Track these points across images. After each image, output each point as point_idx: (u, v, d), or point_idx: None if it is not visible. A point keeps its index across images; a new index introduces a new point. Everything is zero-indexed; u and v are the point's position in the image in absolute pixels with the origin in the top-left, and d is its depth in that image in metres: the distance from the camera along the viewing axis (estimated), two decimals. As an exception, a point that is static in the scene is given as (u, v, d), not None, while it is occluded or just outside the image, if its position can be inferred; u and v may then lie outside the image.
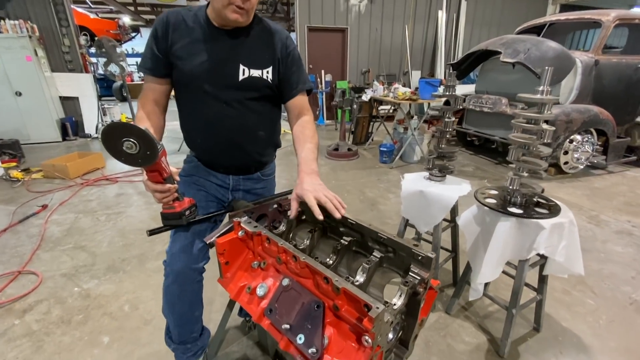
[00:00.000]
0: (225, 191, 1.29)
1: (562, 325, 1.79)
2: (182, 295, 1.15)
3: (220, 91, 1.12)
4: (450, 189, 1.72)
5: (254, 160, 1.28)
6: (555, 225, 1.36)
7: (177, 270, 1.12)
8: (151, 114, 1.15)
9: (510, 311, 1.54)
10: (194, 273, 1.14)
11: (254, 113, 1.18)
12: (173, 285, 1.14)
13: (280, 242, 0.85)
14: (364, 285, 0.86)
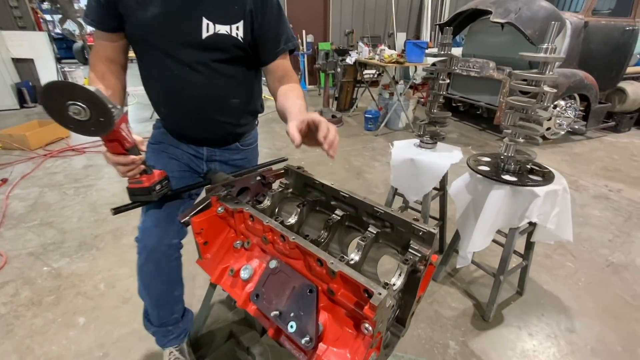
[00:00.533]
0: (200, 161, 1.16)
1: (544, 288, 1.85)
2: (158, 273, 1.05)
3: (181, 51, 0.94)
4: (442, 156, 1.65)
5: (229, 133, 1.14)
6: (549, 192, 1.33)
7: (150, 246, 1.02)
8: (106, 74, 0.97)
9: (498, 278, 1.55)
10: (169, 250, 1.04)
11: (224, 78, 1.01)
12: (147, 263, 1.03)
13: (265, 219, 0.75)
14: (359, 264, 0.78)
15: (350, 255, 0.78)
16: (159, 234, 1.02)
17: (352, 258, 0.77)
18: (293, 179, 1.04)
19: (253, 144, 1.27)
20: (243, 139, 1.20)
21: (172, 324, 1.16)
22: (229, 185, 0.99)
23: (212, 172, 1.14)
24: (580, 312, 1.70)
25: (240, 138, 1.19)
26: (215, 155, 1.16)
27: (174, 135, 1.12)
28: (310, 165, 3.41)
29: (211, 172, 1.14)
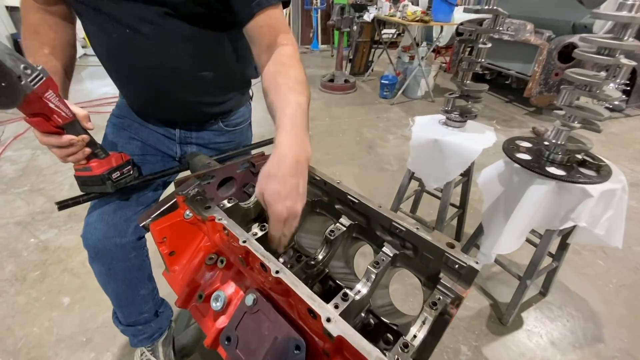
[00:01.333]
0: (172, 143, 0.94)
1: (570, 289, 1.66)
2: (111, 274, 0.89)
3: (115, 5, 0.68)
4: (472, 138, 1.39)
5: (204, 113, 0.90)
6: (604, 192, 1.08)
7: (93, 245, 0.84)
8: (40, 27, 0.73)
9: (524, 282, 1.36)
10: (122, 250, 0.86)
11: (182, 43, 0.74)
12: (95, 263, 0.87)
13: (242, 238, 0.54)
14: (366, 298, 0.59)
15: (357, 287, 0.58)
16: (104, 231, 0.83)
17: (359, 290, 0.57)
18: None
19: (242, 125, 1.03)
20: (228, 119, 0.97)
21: (142, 324, 1.02)
22: (207, 176, 0.78)
23: (191, 154, 0.93)
24: (610, 318, 1.52)
25: (223, 117, 0.96)
26: (190, 137, 0.94)
27: (138, 115, 0.90)
28: (318, 136, 3.16)
29: (190, 155, 0.93)
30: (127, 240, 0.85)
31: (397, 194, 1.72)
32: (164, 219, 0.65)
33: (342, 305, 0.52)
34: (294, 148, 0.55)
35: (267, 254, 0.52)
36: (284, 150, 0.55)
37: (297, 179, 0.54)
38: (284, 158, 0.54)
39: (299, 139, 0.56)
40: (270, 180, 0.54)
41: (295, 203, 0.54)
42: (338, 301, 0.52)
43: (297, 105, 0.60)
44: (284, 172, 0.53)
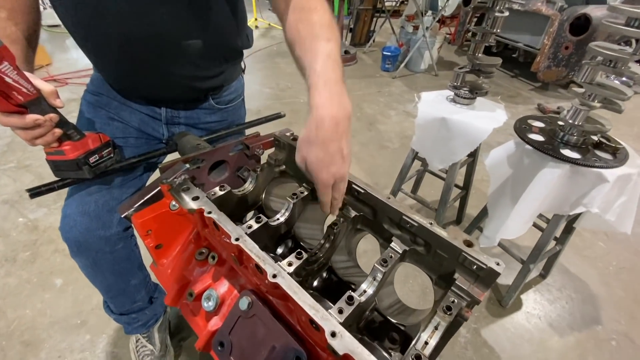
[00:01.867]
0: (158, 124, 0.85)
1: (571, 271, 1.65)
2: (97, 267, 0.83)
3: None
4: (482, 117, 1.30)
5: (192, 88, 0.81)
6: (620, 177, 1.02)
7: (74, 239, 0.78)
8: None
9: (527, 265, 1.33)
10: (106, 243, 0.80)
11: (164, 4, 0.64)
12: (78, 257, 0.82)
13: (234, 234, 0.48)
14: (371, 299, 0.53)
15: (362, 287, 0.53)
16: (86, 224, 0.76)
17: (364, 290, 0.52)
18: (286, 153, 0.74)
19: (235, 101, 0.94)
20: (219, 95, 0.88)
21: (135, 312, 0.99)
22: (196, 160, 0.70)
23: (179, 134, 0.85)
24: (609, 300, 1.52)
25: (214, 93, 0.86)
26: (178, 117, 0.86)
27: (118, 92, 0.80)
28: None
29: (177, 135, 0.84)
30: (112, 232, 0.79)
31: (400, 174, 1.66)
32: (148, 210, 0.58)
33: (347, 309, 0.47)
34: (330, 108, 0.49)
35: (262, 255, 0.46)
36: (321, 112, 0.49)
37: (338, 142, 0.50)
38: (321, 121, 0.49)
39: (334, 96, 0.50)
40: (311, 147, 0.50)
41: (340, 167, 0.51)
42: (342, 305, 0.47)
43: (326, 57, 0.53)
44: (324, 136, 0.49)
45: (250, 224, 0.59)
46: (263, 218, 0.58)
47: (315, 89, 0.50)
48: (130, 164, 0.77)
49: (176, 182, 0.58)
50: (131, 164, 0.77)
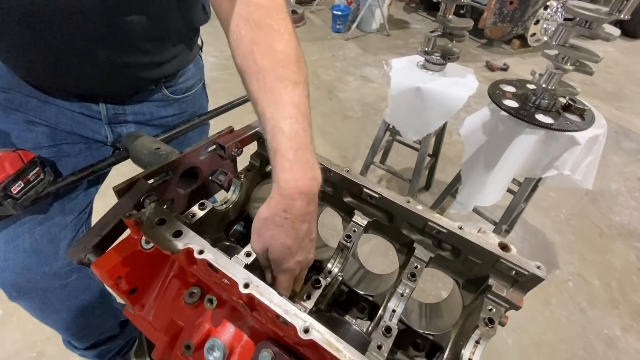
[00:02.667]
0: (97, 125, 0.67)
1: (529, 222, 1.79)
2: (48, 306, 0.68)
3: None
4: (455, 84, 1.27)
5: (138, 78, 0.64)
6: (590, 139, 1.06)
7: (11, 282, 0.62)
8: None
9: (500, 226, 1.40)
10: (55, 278, 0.64)
11: None
12: (20, 301, 0.66)
13: (241, 279, 0.37)
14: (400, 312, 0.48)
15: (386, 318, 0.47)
16: (22, 262, 0.60)
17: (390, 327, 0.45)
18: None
19: (194, 88, 0.77)
20: (174, 83, 0.70)
21: (105, 342, 0.85)
22: (162, 173, 0.56)
23: (129, 136, 0.67)
24: (563, 246, 1.69)
25: (167, 81, 0.69)
26: (124, 114, 0.67)
27: (33, 87, 0.59)
28: None
29: (127, 138, 0.67)
30: (60, 265, 0.62)
31: (371, 147, 1.60)
32: (112, 253, 0.45)
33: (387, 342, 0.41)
34: (302, 182, 0.39)
35: (283, 302, 0.37)
36: (290, 190, 0.39)
37: (309, 224, 0.42)
38: (292, 201, 0.39)
39: (306, 166, 0.40)
40: (277, 232, 0.40)
41: (309, 253, 0.45)
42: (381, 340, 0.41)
43: (294, 111, 0.40)
44: (294, 219, 0.40)
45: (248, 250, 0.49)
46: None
47: (283, 158, 0.39)
48: (69, 184, 0.59)
49: (146, 215, 0.44)
50: (71, 184, 0.60)
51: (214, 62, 3.01)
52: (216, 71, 2.88)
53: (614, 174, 2.17)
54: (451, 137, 2.32)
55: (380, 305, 0.57)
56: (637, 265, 1.61)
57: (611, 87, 3.20)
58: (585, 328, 1.35)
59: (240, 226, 0.68)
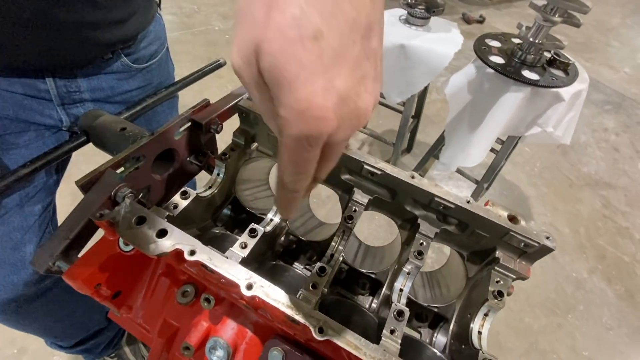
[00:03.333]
0: (48, 106, 0.56)
1: (506, 178, 1.85)
2: (23, 316, 0.63)
3: None
4: (440, 40, 1.20)
5: (90, 42, 0.53)
6: (573, 95, 1.06)
7: None
8: None
9: (482, 185, 1.43)
10: (25, 287, 0.58)
11: None
12: None
13: (243, 280, 0.34)
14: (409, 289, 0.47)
15: (394, 299, 0.45)
16: None
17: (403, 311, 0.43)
18: (258, 128, 0.56)
19: (159, 54, 0.66)
20: (135, 49, 0.59)
21: (93, 337, 0.81)
22: (133, 159, 0.49)
23: (87, 116, 0.58)
24: (537, 198, 1.77)
25: (126, 47, 0.58)
26: (78, 91, 0.57)
27: None
28: (220, 45, 2.58)
29: (85, 117, 0.58)
30: (29, 272, 0.55)
31: (354, 111, 1.54)
32: (87, 260, 0.39)
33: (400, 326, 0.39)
34: None
35: (295, 303, 0.33)
36: None
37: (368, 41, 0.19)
38: None
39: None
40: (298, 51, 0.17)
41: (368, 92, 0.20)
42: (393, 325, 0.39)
43: None
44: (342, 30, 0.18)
45: (244, 241, 0.44)
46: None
47: None
48: (19, 179, 0.51)
49: (121, 213, 0.38)
50: (22, 178, 0.51)
51: (172, 21, 2.72)
52: (176, 31, 2.60)
53: (583, 125, 2.26)
54: (430, 96, 2.28)
55: (383, 282, 0.56)
56: (602, 212, 1.73)
57: (582, 38, 3.23)
58: (557, 273, 1.47)
59: (228, 210, 0.63)
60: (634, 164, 2.05)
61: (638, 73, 2.90)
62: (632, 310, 1.40)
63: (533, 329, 1.31)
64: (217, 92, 2.00)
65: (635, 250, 1.60)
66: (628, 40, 3.40)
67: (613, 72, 2.86)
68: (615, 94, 2.60)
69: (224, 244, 0.54)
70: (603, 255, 1.55)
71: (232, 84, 2.10)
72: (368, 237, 1.51)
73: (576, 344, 1.29)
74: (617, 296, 1.43)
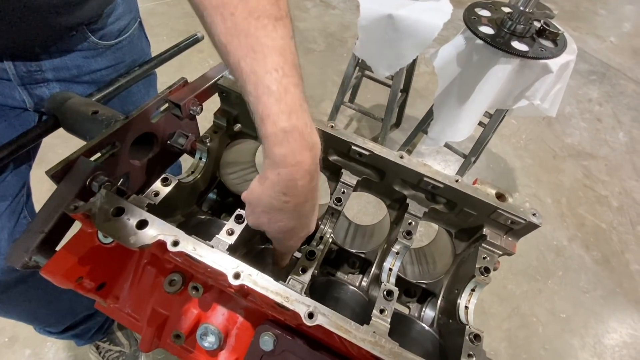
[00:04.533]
0: (9, 87, 0.52)
1: (493, 151, 1.87)
2: (5, 305, 0.61)
3: None
4: (429, 9, 1.15)
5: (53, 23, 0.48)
6: (562, 66, 1.05)
7: None
8: None
9: (469, 159, 1.44)
10: (3, 276, 0.56)
11: None
12: None
13: (230, 270, 0.33)
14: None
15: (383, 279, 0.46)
16: None
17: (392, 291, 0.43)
18: (241, 107, 0.54)
19: (129, 30, 0.61)
20: (102, 26, 0.54)
21: (83, 322, 0.80)
22: (108, 146, 0.46)
23: (54, 98, 0.54)
24: (522, 170, 1.81)
25: (91, 24, 0.53)
26: (41, 71, 0.52)
27: None
28: None
29: (51, 100, 0.54)
30: (3, 263, 0.53)
31: (341, 86, 1.50)
32: (64, 254, 0.37)
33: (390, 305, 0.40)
34: (302, 155, 0.30)
35: (282, 289, 0.33)
36: (290, 169, 0.30)
37: (312, 200, 0.34)
38: (292, 183, 0.31)
39: (304, 132, 0.30)
40: (274, 216, 0.34)
41: (311, 225, 0.38)
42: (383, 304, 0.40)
43: (281, 60, 0.30)
44: (297, 202, 0.33)
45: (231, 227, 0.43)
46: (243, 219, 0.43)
47: (275, 127, 0.29)
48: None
49: (97, 205, 0.36)
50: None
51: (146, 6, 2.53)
52: (150, 2, 2.43)
53: (568, 96, 2.27)
54: (419, 69, 2.24)
55: (372, 261, 0.57)
56: (583, 182, 1.78)
57: (569, 6, 3.18)
58: (539, 242, 1.52)
59: (213, 194, 0.61)
60: (615, 134, 2.09)
61: (623, 42, 2.90)
62: (608, 274, 1.48)
63: (515, 295, 1.38)
64: (198, 67, 1.90)
65: (612, 217, 1.67)
66: (615, 7, 3.37)
67: (600, 41, 2.85)
68: (601, 63, 2.61)
69: (211, 229, 0.53)
70: (582, 224, 1.62)
71: (213, 58, 1.99)
72: (357, 214, 1.52)
73: (555, 307, 1.37)
74: (594, 261, 1.51)
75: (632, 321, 1.37)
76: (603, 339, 1.32)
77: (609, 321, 1.36)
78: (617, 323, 1.36)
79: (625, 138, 2.07)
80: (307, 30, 2.43)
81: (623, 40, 2.93)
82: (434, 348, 0.46)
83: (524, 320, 1.32)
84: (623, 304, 1.41)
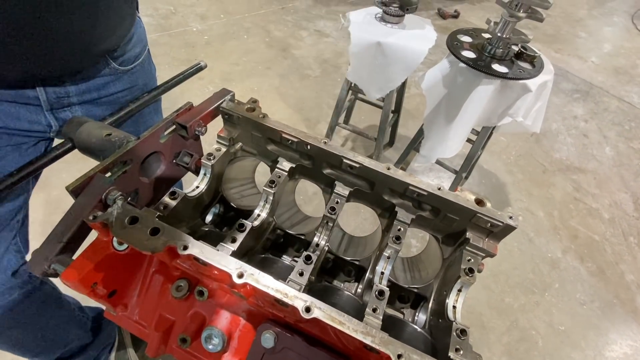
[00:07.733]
0: (36, 112, 0.57)
1: (484, 167, 1.93)
2: None
3: None
4: (415, 37, 1.25)
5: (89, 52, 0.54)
6: (540, 85, 1.12)
7: None
8: None
9: (460, 174, 1.49)
10: None
11: None
12: None
13: (234, 270, 0.36)
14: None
15: (376, 281, 0.49)
16: None
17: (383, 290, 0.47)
18: (241, 128, 0.59)
19: (142, 55, 0.67)
20: (123, 52, 0.61)
21: (76, 354, 0.80)
22: (120, 164, 0.51)
23: (71, 123, 0.59)
24: (513, 185, 1.86)
25: (114, 51, 0.59)
26: (67, 97, 0.58)
27: None
28: (218, 40, 2.58)
29: (68, 125, 0.59)
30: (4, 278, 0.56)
31: (335, 108, 1.58)
32: (82, 261, 0.41)
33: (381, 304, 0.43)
34: None
35: (282, 287, 0.36)
36: None
37: None
38: None
39: None
40: None
41: None
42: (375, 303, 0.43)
43: None
44: None
45: (234, 236, 0.47)
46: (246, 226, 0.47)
47: None
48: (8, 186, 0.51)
49: (114, 215, 0.40)
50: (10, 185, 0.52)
51: (149, 23, 2.68)
52: (153, 33, 2.57)
53: (554, 114, 2.37)
54: (409, 91, 2.34)
55: (366, 268, 0.60)
56: (573, 196, 1.83)
57: (551, 30, 3.37)
58: (533, 254, 1.55)
59: (216, 209, 0.65)
60: (601, 148, 2.17)
61: (604, 62, 3.05)
62: (603, 285, 1.50)
63: (513, 308, 1.39)
64: (198, 93, 1.99)
65: (604, 229, 1.71)
66: (595, 30, 3.56)
67: (581, 62, 3.00)
68: (584, 82, 2.73)
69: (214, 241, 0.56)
70: (575, 236, 1.65)
71: (213, 85, 2.09)
72: (355, 231, 1.55)
73: (553, 319, 1.37)
74: (590, 273, 1.53)
75: (632, 332, 1.38)
76: (604, 350, 1.32)
77: (609, 333, 1.37)
78: (616, 334, 1.37)
79: (612, 152, 2.15)
80: (302, 57, 2.55)
81: (604, 60, 3.08)
82: (426, 347, 0.49)
83: (524, 334, 1.33)
84: (621, 315, 1.42)
